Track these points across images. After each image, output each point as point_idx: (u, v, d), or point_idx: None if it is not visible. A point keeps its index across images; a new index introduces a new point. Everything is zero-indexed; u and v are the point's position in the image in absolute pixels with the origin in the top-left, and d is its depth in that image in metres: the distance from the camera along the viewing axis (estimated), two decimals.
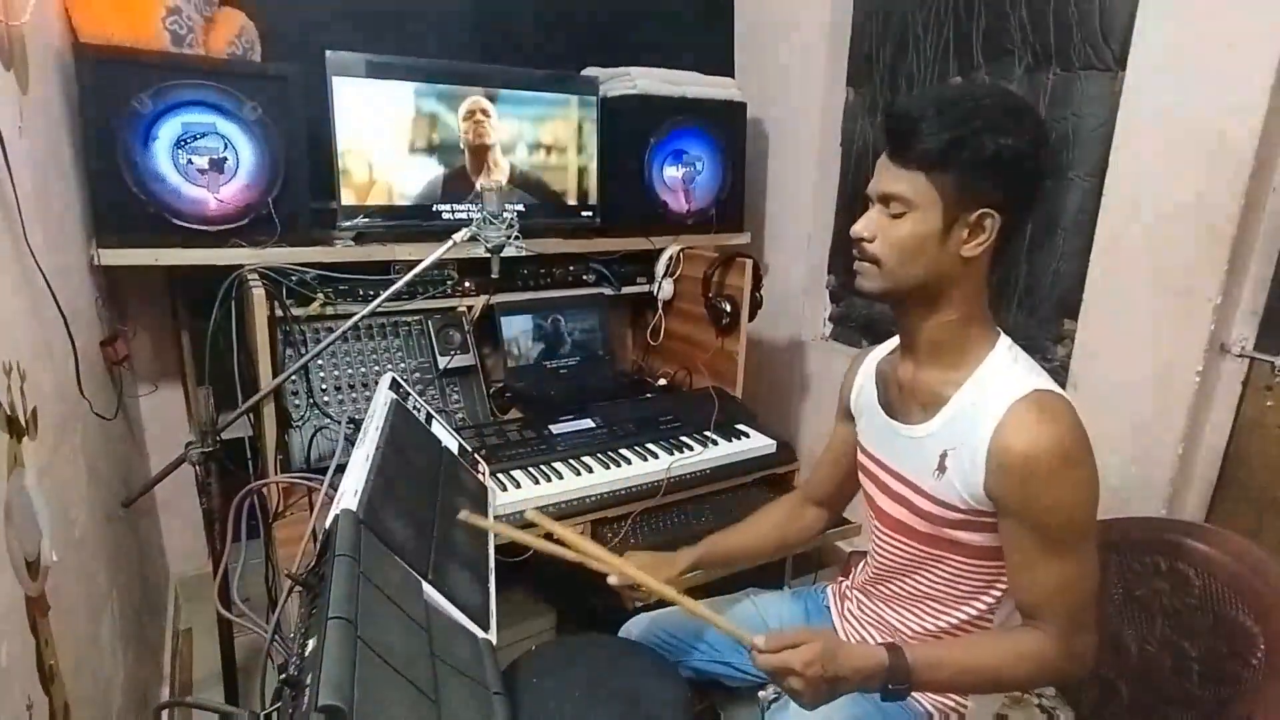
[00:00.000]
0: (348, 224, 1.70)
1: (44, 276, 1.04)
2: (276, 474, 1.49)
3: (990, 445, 0.90)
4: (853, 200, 2.31)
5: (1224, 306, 1.44)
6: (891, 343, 1.13)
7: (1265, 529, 1.46)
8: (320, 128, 1.64)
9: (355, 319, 1.45)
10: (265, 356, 1.49)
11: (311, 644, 0.70)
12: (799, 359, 2.52)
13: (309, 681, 0.64)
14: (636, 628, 1.35)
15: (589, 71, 2.09)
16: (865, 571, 1.19)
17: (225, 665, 1.44)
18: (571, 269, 2.03)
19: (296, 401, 1.59)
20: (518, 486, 1.53)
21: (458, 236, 1.44)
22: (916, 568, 1.07)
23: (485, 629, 1.00)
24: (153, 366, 1.93)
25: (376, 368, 1.69)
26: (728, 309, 1.95)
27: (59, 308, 1.09)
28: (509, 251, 1.52)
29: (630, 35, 2.34)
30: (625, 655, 1.26)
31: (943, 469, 0.97)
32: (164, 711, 0.87)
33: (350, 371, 1.67)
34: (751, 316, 1.97)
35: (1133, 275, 1.55)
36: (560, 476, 1.58)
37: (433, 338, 1.77)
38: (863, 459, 1.15)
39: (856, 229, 0.96)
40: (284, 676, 0.70)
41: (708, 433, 1.81)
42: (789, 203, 2.48)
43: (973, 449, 0.92)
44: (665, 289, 2.12)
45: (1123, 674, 1.22)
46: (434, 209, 1.81)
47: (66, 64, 1.41)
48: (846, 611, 1.23)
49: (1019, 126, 0.88)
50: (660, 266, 2.11)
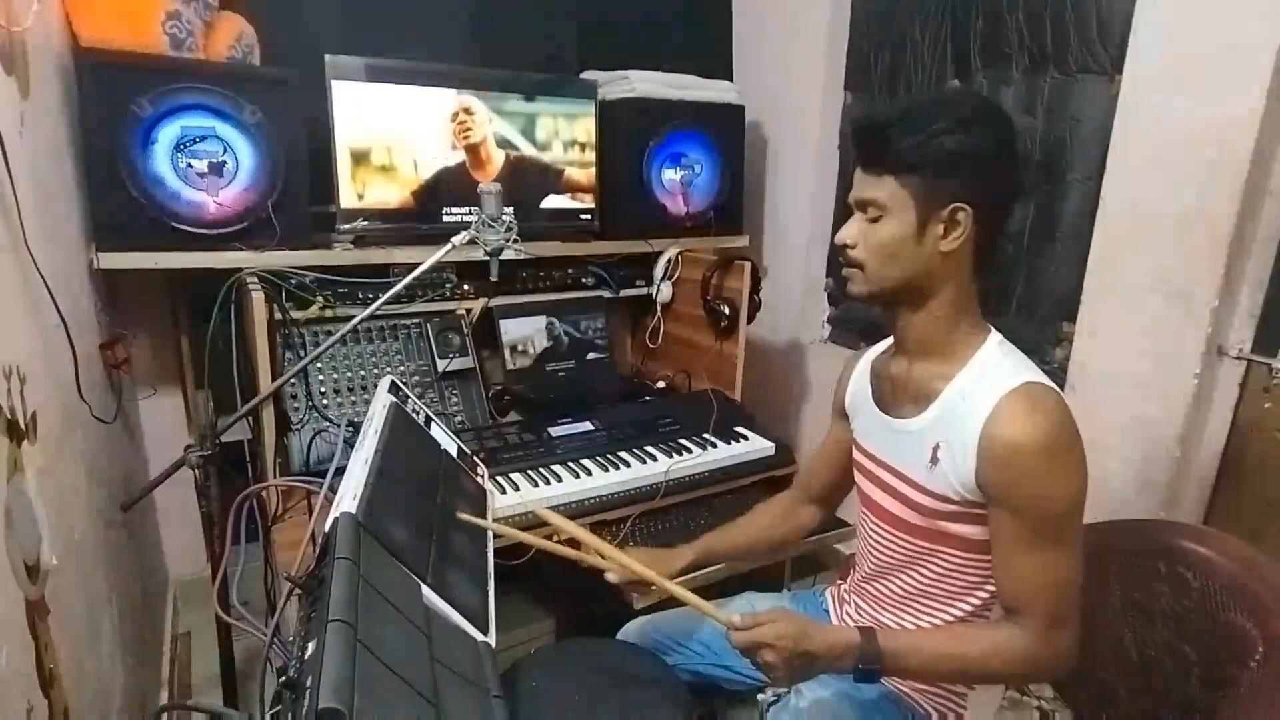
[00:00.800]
0: (347, 227, 1.70)
1: (44, 280, 1.04)
2: (276, 477, 1.49)
3: (981, 435, 0.92)
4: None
5: (1221, 309, 1.44)
6: (886, 342, 1.14)
7: (1264, 531, 1.46)
8: (319, 131, 1.64)
9: (354, 322, 1.45)
10: (264, 360, 1.49)
11: (311, 647, 0.71)
12: (798, 361, 2.52)
13: (309, 684, 0.64)
14: (635, 631, 1.35)
15: (587, 75, 2.09)
16: (858, 573, 1.20)
17: (224, 668, 1.44)
18: (570, 272, 2.03)
19: (296, 405, 1.59)
20: (517, 489, 1.53)
21: (456, 240, 1.44)
22: (910, 563, 1.07)
23: (484, 632, 1.00)
24: (152, 370, 1.93)
25: (376, 371, 1.70)
26: (726, 312, 1.95)
27: (59, 311, 1.09)
28: (508, 254, 1.52)
29: (629, 38, 2.34)
30: (624, 658, 1.26)
31: (935, 460, 0.98)
32: (164, 715, 0.88)
33: (349, 374, 1.67)
34: (750, 319, 1.97)
35: (1130, 278, 1.56)
36: (559, 479, 1.58)
37: (432, 341, 1.77)
38: (858, 456, 1.15)
39: (840, 236, 1.01)
40: (283, 679, 0.70)
41: (706, 435, 1.81)
42: (787, 206, 2.49)
43: (964, 440, 0.93)
44: (664, 292, 2.12)
45: (1122, 677, 1.22)
46: (433, 212, 1.82)
47: (67, 68, 1.42)
48: (845, 614, 1.23)
49: (979, 124, 0.92)
50: (659, 269, 2.11)
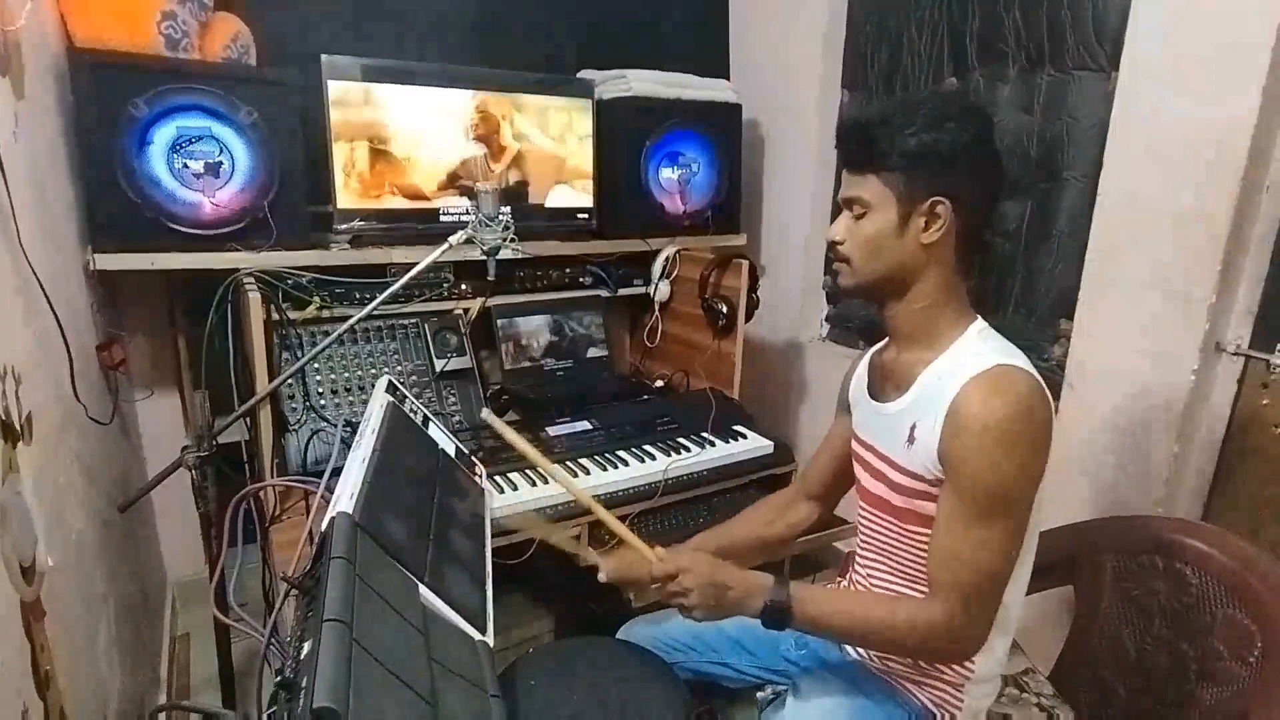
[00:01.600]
0: (344, 227, 1.70)
1: (39, 281, 1.04)
2: (273, 477, 1.48)
3: (947, 411, 0.95)
4: None
5: (1219, 305, 1.44)
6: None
7: (1262, 527, 1.47)
8: (316, 131, 1.64)
9: (351, 322, 1.45)
10: (261, 360, 1.49)
11: (307, 647, 0.70)
12: (796, 360, 2.52)
13: (304, 684, 0.64)
14: (634, 630, 1.35)
15: (585, 74, 2.09)
16: (855, 565, 1.20)
17: (222, 669, 1.44)
18: (568, 271, 2.03)
19: (293, 405, 1.58)
20: (515, 489, 1.52)
21: (454, 239, 1.44)
22: (895, 547, 1.09)
23: (483, 631, 1.00)
24: (149, 371, 1.93)
25: (373, 371, 1.69)
26: (724, 310, 1.95)
27: (54, 313, 1.09)
28: (505, 254, 1.52)
29: (626, 37, 2.34)
30: (623, 658, 1.25)
31: (912, 440, 1.01)
32: (161, 715, 0.87)
33: (347, 375, 1.67)
34: (748, 318, 1.97)
35: (1128, 275, 1.56)
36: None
37: (429, 340, 1.77)
38: (855, 446, 1.17)
39: (829, 234, 1.05)
40: (279, 679, 0.70)
41: (705, 434, 1.81)
42: (785, 204, 2.49)
43: (935, 417, 0.96)
44: (662, 291, 2.12)
45: (1120, 673, 1.23)
46: (430, 212, 1.82)
47: (62, 69, 1.41)
48: None
49: (955, 121, 0.95)
50: (657, 268, 2.11)
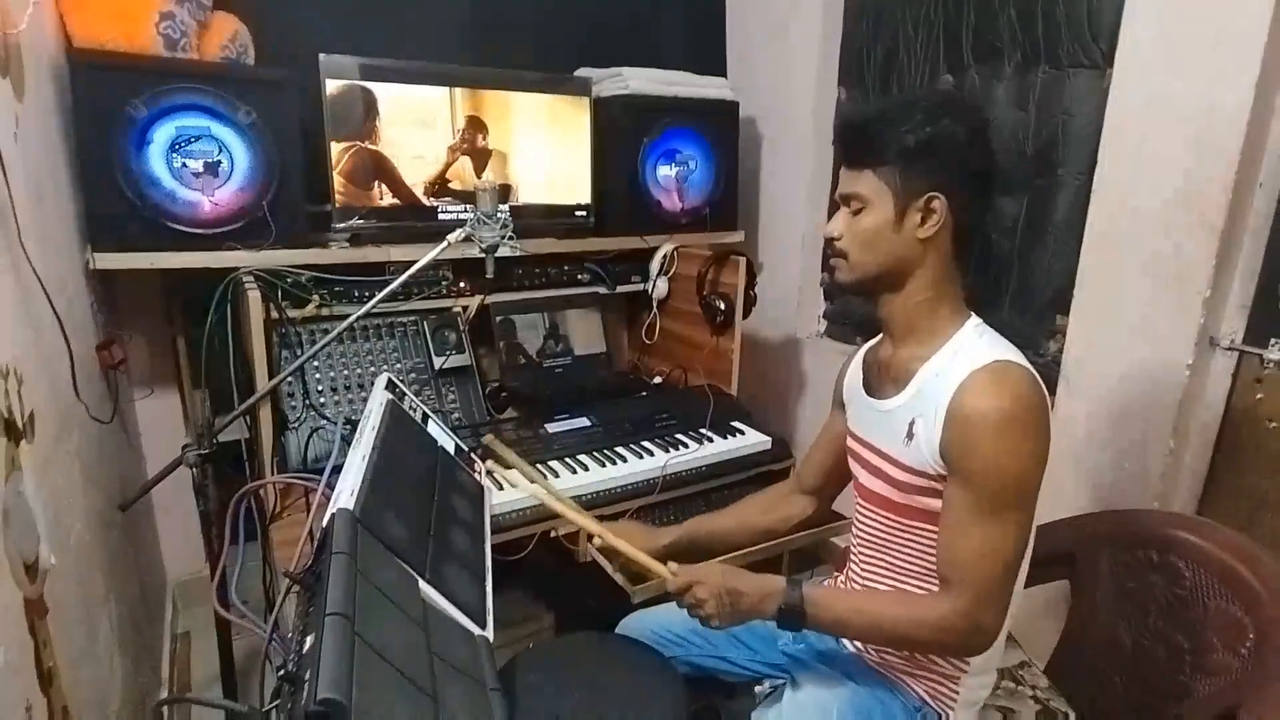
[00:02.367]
0: (342, 226, 1.71)
1: (40, 281, 1.04)
2: (273, 475, 1.49)
3: (948, 408, 0.96)
4: None
5: (1213, 300, 1.45)
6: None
7: (1256, 521, 1.47)
8: (314, 130, 1.64)
9: (350, 320, 1.45)
10: (261, 359, 1.49)
11: (309, 641, 0.71)
12: (794, 356, 2.53)
13: (307, 677, 0.65)
14: (633, 625, 1.36)
15: (581, 72, 2.10)
16: (852, 560, 1.21)
17: (224, 665, 1.44)
18: (566, 269, 2.03)
19: (293, 403, 1.59)
20: (514, 485, 1.53)
21: (452, 237, 1.45)
22: (895, 543, 1.09)
23: (482, 626, 1.01)
24: (149, 370, 1.93)
25: (372, 369, 1.70)
26: (722, 307, 1.96)
27: (54, 312, 1.09)
28: (503, 251, 1.52)
29: (623, 35, 2.34)
30: (622, 652, 1.26)
31: (911, 436, 1.01)
32: (164, 710, 0.88)
33: (346, 373, 1.68)
34: (746, 314, 1.98)
35: (1123, 270, 1.56)
36: (556, 475, 1.59)
37: (428, 338, 1.77)
38: (850, 442, 1.18)
39: (827, 230, 1.07)
40: (282, 673, 0.70)
41: (703, 430, 1.82)
42: (782, 201, 2.49)
43: (935, 413, 0.97)
44: (660, 288, 2.12)
45: (1117, 667, 1.24)
46: (429, 210, 1.82)
47: (61, 70, 1.42)
48: None
49: (949, 117, 0.97)
50: (654, 265, 2.12)
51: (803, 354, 2.51)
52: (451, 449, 1.41)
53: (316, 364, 1.64)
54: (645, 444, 1.74)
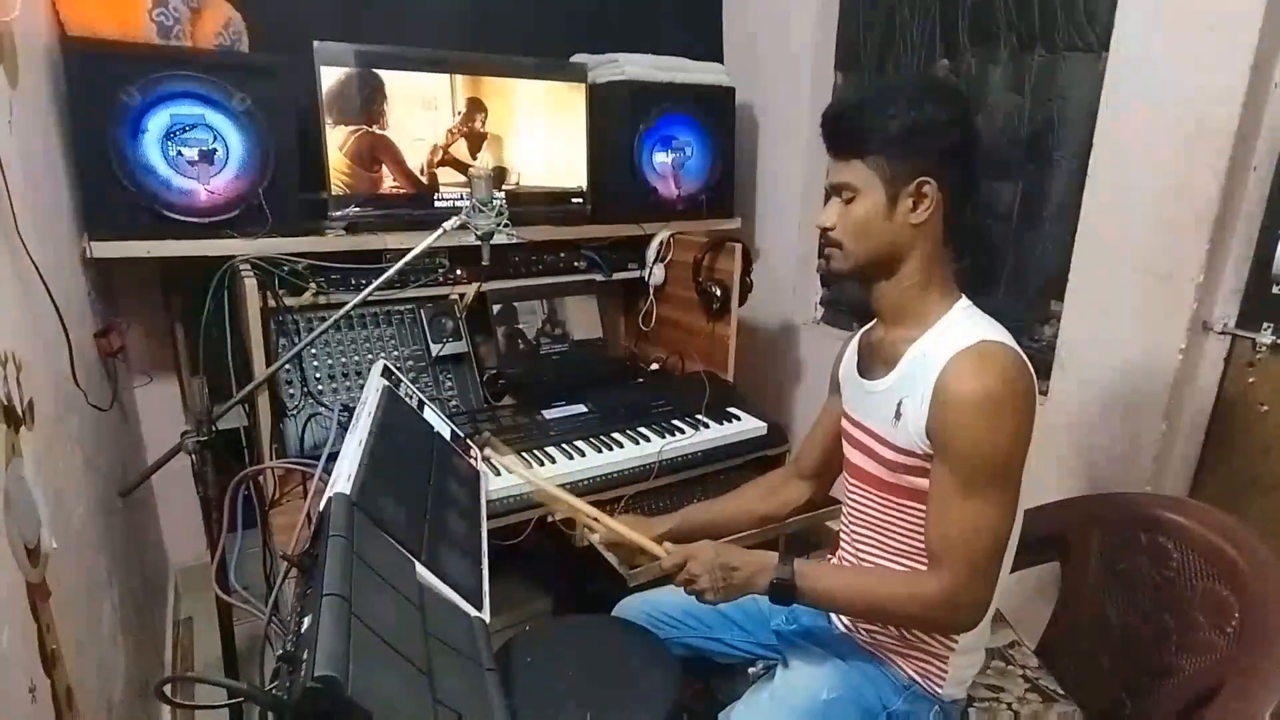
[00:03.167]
0: (339, 214, 1.71)
1: (37, 269, 1.05)
2: (272, 461, 1.50)
3: (934, 387, 0.97)
4: None
5: (1206, 285, 1.46)
6: None
7: (1248, 504, 1.49)
8: (310, 118, 1.64)
9: (347, 308, 1.46)
10: (258, 346, 1.50)
11: (307, 621, 0.72)
12: (790, 342, 2.53)
13: (305, 656, 0.66)
14: (629, 608, 1.38)
15: (577, 58, 2.09)
16: (844, 540, 1.23)
17: (225, 649, 1.46)
18: (563, 256, 2.04)
19: (291, 391, 1.60)
20: (510, 471, 1.54)
21: (448, 224, 1.45)
22: (884, 520, 1.11)
23: (478, 608, 1.02)
24: (147, 358, 1.94)
25: (370, 356, 1.71)
26: (718, 294, 1.97)
27: (52, 300, 1.10)
28: (499, 238, 1.53)
29: (619, 21, 2.33)
30: (617, 634, 1.28)
31: (899, 416, 1.03)
32: (168, 691, 0.89)
33: (344, 360, 1.69)
34: (742, 301, 1.99)
35: (1117, 255, 1.57)
36: (553, 460, 1.60)
37: (425, 325, 1.78)
38: (844, 424, 1.19)
39: (819, 220, 1.08)
40: (281, 653, 0.72)
41: (699, 416, 1.83)
42: (779, 187, 2.49)
43: (922, 394, 0.99)
44: (656, 274, 2.13)
45: (1104, 646, 1.25)
46: (425, 197, 1.82)
47: (55, 58, 1.42)
48: None
49: (933, 102, 0.98)
50: (651, 252, 2.12)
51: (799, 340, 2.52)
52: (448, 435, 1.43)
53: (314, 351, 1.65)
54: (642, 430, 1.75)
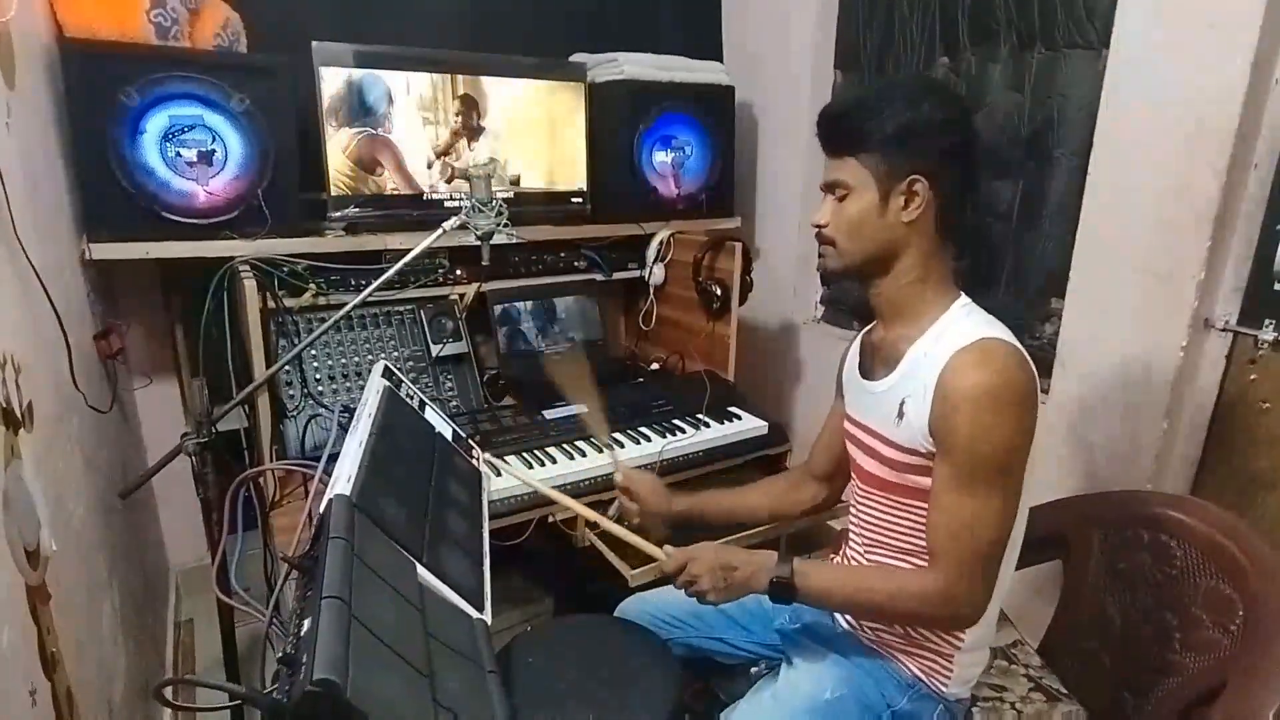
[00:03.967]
0: (338, 214, 1.71)
1: (35, 271, 1.05)
2: (272, 463, 1.50)
3: (935, 385, 0.97)
4: None
5: (1207, 282, 1.45)
6: None
7: (1249, 502, 1.48)
8: (309, 118, 1.64)
9: (347, 308, 1.46)
10: (258, 347, 1.49)
11: (307, 624, 0.72)
12: (791, 341, 2.53)
13: (304, 659, 0.66)
14: (631, 608, 1.37)
15: (576, 58, 2.09)
16: (849, 541, 1.23)
17: (226, 651, 1.46)
18: (563, 255, 2.03)
19: (291, 392, 1.60)
20: (510, 474, 1.54)
21: (447, 224, 1.45)
22: (889, 521, 1.11)
23: (480, 609, 1.02)
24: (147, 359, 1.94)
25: (370, 357, 1.70)
26: (718, 293, 1.96)
27: (51, 302, 1.10)
28: (499, 239, 1.53)
29: (618, 20, 2.33)
30: (619, 634, 1.28)
31: (902, 415, 1.03)
32: (168, 694, 0.89)
33: (344, 361, 1.68)
34: (742, 300, 1.98)
35: (1118, 253, 1.56)
36: (554, 461, 1.60)
37: (425, 326, 1.78)
38: (847, 425, 1.19)
39: (814, 218, 1.09)
40: (280, 655, 0.71)
41: (700, 415, 1.83)
42: (779, 186, 2.49)
43: (924, 392, 0.99)
44: (656, 274, 2.13)
45: (1106, 644, 1.25)
46: (424, 198, 1.82)
47: (53, 59, 1.41)
48: None
49: (927, 101, 0.99)
50: (651, 252, 2.12)
51: (799, 339, 2.52)
52: (449, 435, 1.42)
53: (314, 352, 1.64)
54: (642, 430, 1.75)
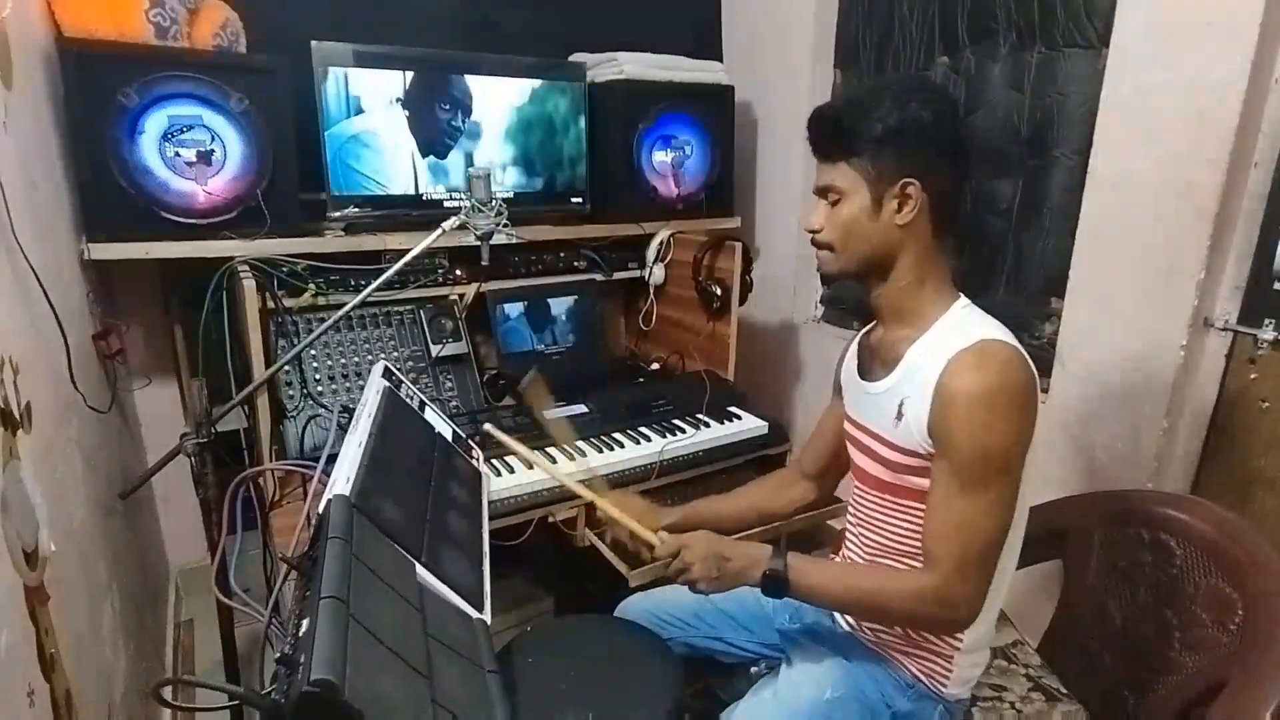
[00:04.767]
0: (337, 214, 1.71)
1: (34, 272, 1.05)
2: (271, 463, 1.50)
3: (935, 387, 0.97)
4: None
5: (1207, 281, 1.45)
6: None
7: (1250, 501, 1.48)
8: (307, 118, 1.64)
9: (347, 309, 1.46)
10: (258, 348, 1.49)
11: (305, 624, 0.72)
12: (791, 341, 2.53)
13: (303, 660, 0.66)
14: (631, 608, 1.37)
15: (576, 57, 2.09)
16: (847, 542, 1.23)
17: (226, 651, 1.46)
18: (562, 255, 2.03)
19: (290, 392, 1.60)
20: (511, 471, 1.54)
21: (447, 224, 1.45)
22: (888, 521, 1.11)
23: (479, 609, 1.02)
24: (147, 360, 1.94)
25: (370, 357, 1.70)
26: (718, 293, 1.96)
27: (50, 303, 1.10)
28: (498, 238, 1.53)
29: (617, 20, 2.33)
30: (620, 634, 1.28)
31: (900, 416, 1.03)
32: (166, 695, 0.90)
33: (343, 361, 1.68)
34: (742, 300, 1.98)
35: (1117, 252, 1.56)
36: (554, 461, 1.59)
37: (425, 326, 1.78)
38: (846, 426, 1.19)
39: (807, 223, 1.08)
40: (279, 656, 0.71)
41: (700, 415, 1.83)
42: (779, 186, 2.49)
43: (923, 393, 0.99)
44: (656, 274, 2.13)
45: (1107, 643, 1.25)
46: (424, 197, 1.82)
47: (51, 59, 1.41)
48: None
49: (916, 103, 0.98)
50: (651, 251, 2.12)
51: (799, 339, 2.52)
52: (449, 435, 1.42)
53: (313, 353, 1.64)
54: (642, 430, 1.75)
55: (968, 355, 0.95)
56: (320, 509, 0.92)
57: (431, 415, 1.43)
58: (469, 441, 1.50)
